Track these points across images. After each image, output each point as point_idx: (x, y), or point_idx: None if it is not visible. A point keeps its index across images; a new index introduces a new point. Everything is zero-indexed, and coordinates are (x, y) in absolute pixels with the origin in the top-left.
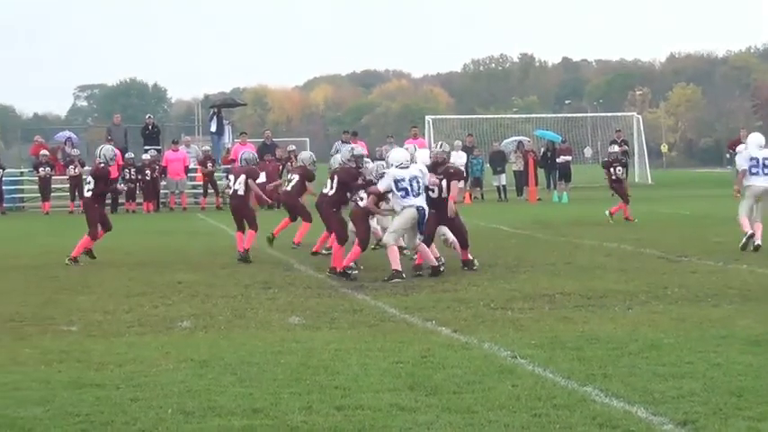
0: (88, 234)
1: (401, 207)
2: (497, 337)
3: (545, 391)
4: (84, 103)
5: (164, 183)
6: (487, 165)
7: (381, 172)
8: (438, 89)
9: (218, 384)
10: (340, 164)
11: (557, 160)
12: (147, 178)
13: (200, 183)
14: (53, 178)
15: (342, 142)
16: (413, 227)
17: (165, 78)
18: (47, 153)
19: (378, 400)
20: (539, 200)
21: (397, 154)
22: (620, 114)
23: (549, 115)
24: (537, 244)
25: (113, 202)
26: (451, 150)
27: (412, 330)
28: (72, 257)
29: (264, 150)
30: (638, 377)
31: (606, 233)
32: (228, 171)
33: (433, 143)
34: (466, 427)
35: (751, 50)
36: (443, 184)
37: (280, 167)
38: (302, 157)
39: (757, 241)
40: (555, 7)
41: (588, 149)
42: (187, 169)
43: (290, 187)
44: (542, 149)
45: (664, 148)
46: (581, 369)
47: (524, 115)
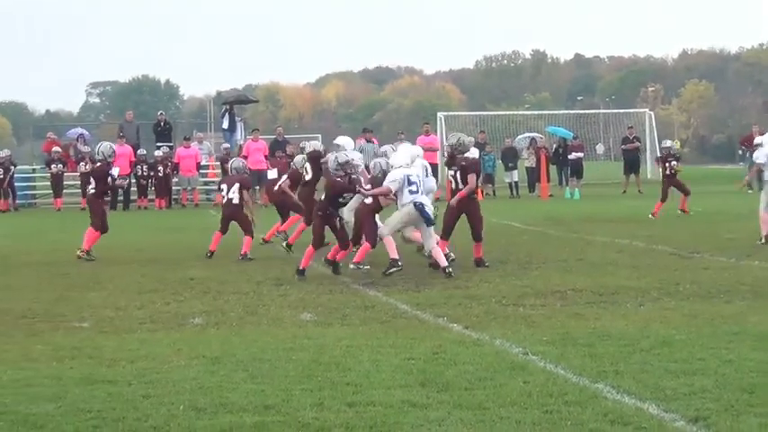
0: (92, 225)
1: (402, 203)
2: (509, 333)
3: (556, 387)
4: (97, 100)
5: (175, 179)
6: (499, 161)
7: (383, 169)
8: (450, 86)
9: (230, 381)
10: (332, 171)
11: (569, 157)
12: (160, 175)
13: (213, 179)
14: (65, 175)
15: (365, 141)
16: (413, 222)
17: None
18: (59, 150)
19: (389, 396)
20: (550, 196)
21: (400, 157)
22: (632, 111)
23: (561, 112)
24: (549, 240)
25: (125, 198)
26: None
27: (423, 327)
28: (84, 250)
29: (276, 147)
30: (650, 374)
31: (618, 230)
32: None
33: (446, 137)
34: (477, 423)
35: (763, 47)
36: (458, 176)
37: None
38: (296, 161)
39: None
40: (567, 3)
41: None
42: (199, 166)
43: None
44: (554, 146)
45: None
46: (593, 366)
47: (536, 112)
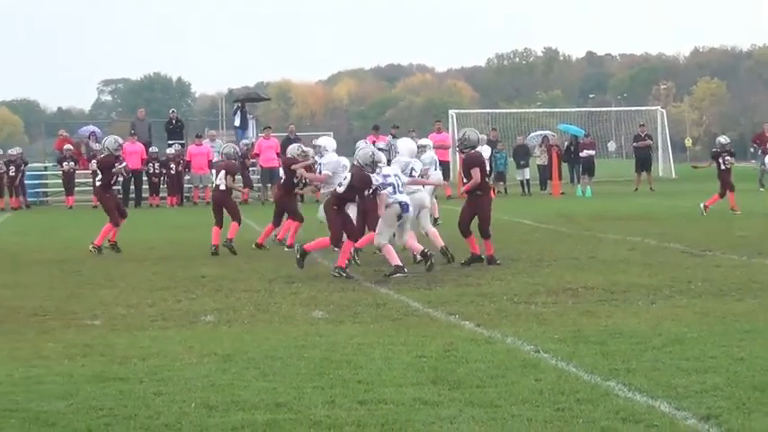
0: (110, 221)
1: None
2: (520, 331)
3: (568, 385)
4: (109, 98)
5: (187, 177)
6: (511, 159)
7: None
8: (462, 83)
9: (242, 378)
10: (357, 164)
11: (580, 154)
12: (172, 172)
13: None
14: (77, 172)
15: (392, 137)
16: (399, 224)
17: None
18: (71, 147)
19: (401, 394)
20: (562, 194)
21: (407, 144)
22: (644, 108)
23: (572, 109)
24: (560, 238)
25: (137, 196)
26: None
27: (435, 324)
28: (95, 245)
29: (288, 144)
30: (662, 372)
31: (630, 227)
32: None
33: (457, 133)
34: (489, 421)
35: None
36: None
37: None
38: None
39: None
40: (579, 1)
41: (612, 143)
42: (211, 163)
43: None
44: (566, 144)
45: (688, 142)
46: (604, 363)
47: (548, 109)
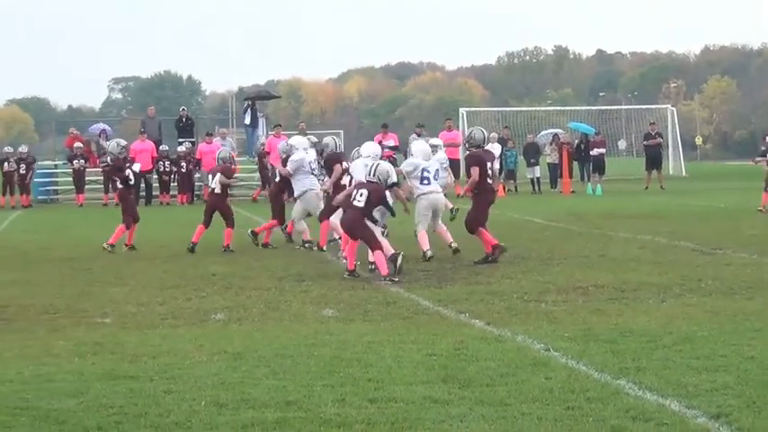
0: (123, 223)
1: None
2: (531, 329)
3: (578, 383)
4: (119, 96)
5: (198, 175)
6: (521, 157)
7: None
8: (472, 81)
9: (252, 377)
10: (369, 176)
11: (591, 153)
12: (182, 170)
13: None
14: (87, 170)
15: (416, 135)
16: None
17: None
18: (81, 145)
19: (411, 392)
20: (572, 192)
21: (371, 147)
22: (654, 107)
23: (583, 108)
24: (571, 236)
25: (147, 194)
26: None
27: (445, 323)
28: (110, 243)
29: None
30: (672, 370)
31: (640, 225)
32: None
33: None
34: (499, 419)
35: None
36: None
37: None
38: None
39: None
40: None
41: (622, 142)
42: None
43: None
44: (576, 142)
45: (698, 140)
46: (614, 362)
47: (558, 108)
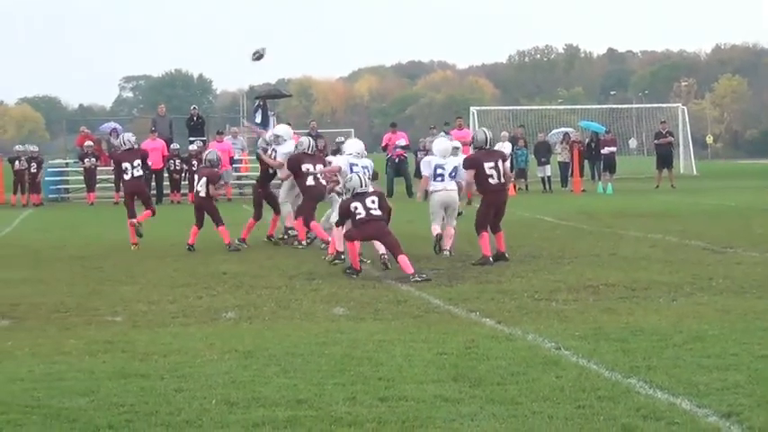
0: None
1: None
2: (541, 328)
3: (589, 382)
4: (130, 94)
5: None
6: (532, 156)
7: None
8: (483, 80)
9: (263, 375)
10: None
11: (601, 151)
12: (193, 169)
13: (246, 173)
14: (98, 169)
15: (444, 133)
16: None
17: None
18: (92, 144)
19: (421, 391)
20: (583, 191)
21: (356, 145)
22: (665, 105)
23: (594, 106)
24: (581, 235)
25: (158, 193)
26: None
27: (456, 321)
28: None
29: None
30: (683, 369)
31: (651, 224)
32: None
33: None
34: (509, 418)
35: None
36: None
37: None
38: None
39: None
40: None
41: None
42: (232, 160)
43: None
44: (586, 140)
45: (709, 139)
46: (625, 361)
47: (569, 106)
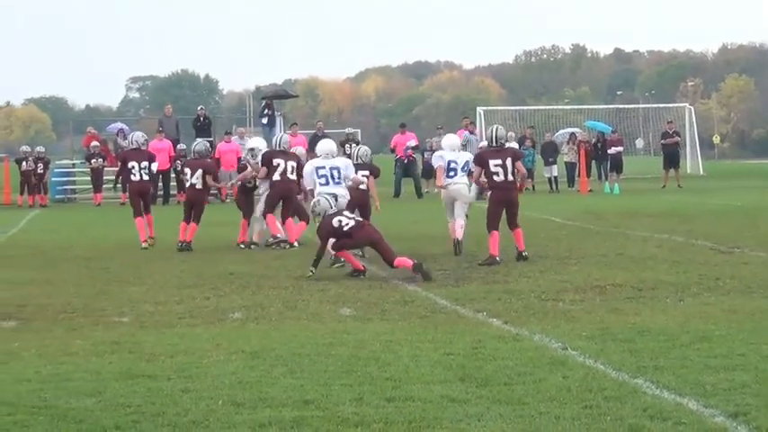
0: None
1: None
2: (548, 328)
3: (596, 382)
4: (137, 95)
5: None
6: (539, 156)
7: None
8: (489, 80)
9: (270, 376)
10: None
11: (608, 151)
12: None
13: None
14: (105, 169)
15: (469, 133)
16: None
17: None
18: (98, 144)
19: (428, 391)
20: (590, 191)
21: (325, 145)
22: (672, 105)
23: (600, 106)
24: (588, 235)
25: (165, 193)
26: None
27: (463, 322)
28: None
29: (316, 141)
30: (690, 369)
31: (657, 224)
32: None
33: (485, 131)
34: (516, 418)
35: None
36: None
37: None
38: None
39: None
40: None
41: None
42: (239, 161)
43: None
44: (593, 140)
45: (716, 139)
46: (632, 361)
47: (576, 106)
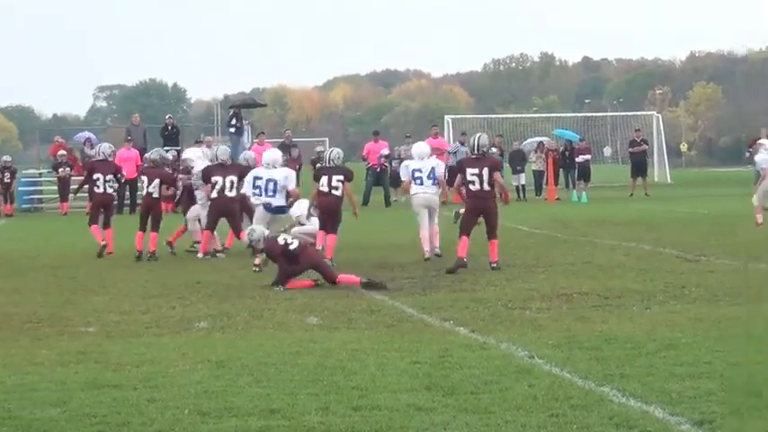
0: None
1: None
2: (515, 336)
3: (562, 391)
4: (104, 104)
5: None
6: (507, 164)
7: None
8: (458, 89)
9: (235, 385)
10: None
11: (576, 159)
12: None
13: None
14: (72, 179)
15: (460, 144)
16: (276, 221)
17: (184, 79)
18: (65, 153)
19: (395, 400)
20: (557, 199)
21: (269, 155)
22: (639, 113)
23: (568, 114)
24: (556, 243)
25: (131, 202)
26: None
27: (429, 330)
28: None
29: (285, 150)
30: (656, 377)
31: (625, 232)
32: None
33: (451, 141)
34: (483, 427)
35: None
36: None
37: (297, 167)
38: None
39: None
40: (575, 6)
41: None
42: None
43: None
44: (561, 149)
45: (683, 147)
46: (598, 369)
47: (544, 114)
